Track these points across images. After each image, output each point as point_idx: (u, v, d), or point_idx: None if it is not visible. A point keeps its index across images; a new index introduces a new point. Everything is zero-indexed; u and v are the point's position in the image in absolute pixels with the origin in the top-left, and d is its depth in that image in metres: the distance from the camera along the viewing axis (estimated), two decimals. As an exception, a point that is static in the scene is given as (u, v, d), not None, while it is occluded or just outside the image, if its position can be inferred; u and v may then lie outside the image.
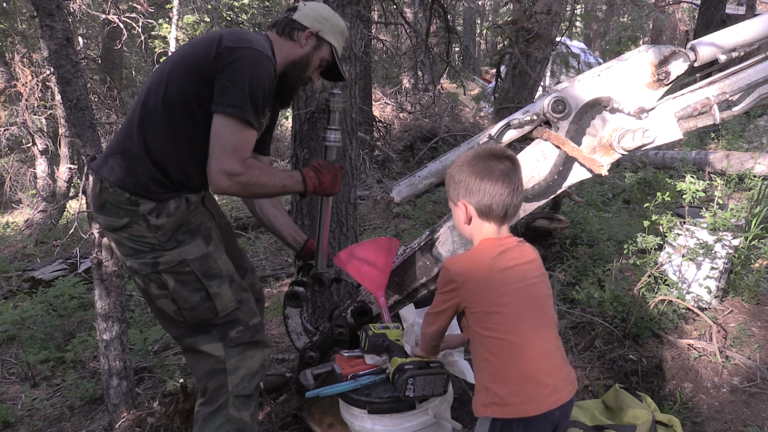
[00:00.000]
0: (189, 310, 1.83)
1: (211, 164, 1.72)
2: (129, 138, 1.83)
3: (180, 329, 1.90)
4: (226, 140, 1.71)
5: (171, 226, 1.80)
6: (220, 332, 1.88)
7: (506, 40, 5.61)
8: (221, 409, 1.86)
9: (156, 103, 1.80)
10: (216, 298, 1.84)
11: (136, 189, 1.78)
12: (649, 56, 1.82)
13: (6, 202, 10.08)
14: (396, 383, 1.64)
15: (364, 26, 2.81)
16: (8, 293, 5.14)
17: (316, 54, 1.99)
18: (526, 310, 1.43)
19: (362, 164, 7.08)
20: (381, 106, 10.11)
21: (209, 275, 1.84)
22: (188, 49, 1.85)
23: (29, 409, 3.20)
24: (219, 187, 1.74)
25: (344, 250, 2.16)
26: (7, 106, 8.39)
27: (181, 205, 1.83)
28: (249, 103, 1.71)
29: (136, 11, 8.78)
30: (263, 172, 1.81)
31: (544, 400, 1.40)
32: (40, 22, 2.43)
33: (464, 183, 1.45)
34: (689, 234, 3.05)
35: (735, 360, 2.66)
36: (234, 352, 1.88)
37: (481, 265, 1.43)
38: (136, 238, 1.80)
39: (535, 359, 1.41)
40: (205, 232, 1.89)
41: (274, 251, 5.47)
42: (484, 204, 1.43)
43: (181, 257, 1.81)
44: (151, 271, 1.81)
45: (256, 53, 1.75)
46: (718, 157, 5.85)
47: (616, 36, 17.51)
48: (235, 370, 1.88)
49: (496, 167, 1.43)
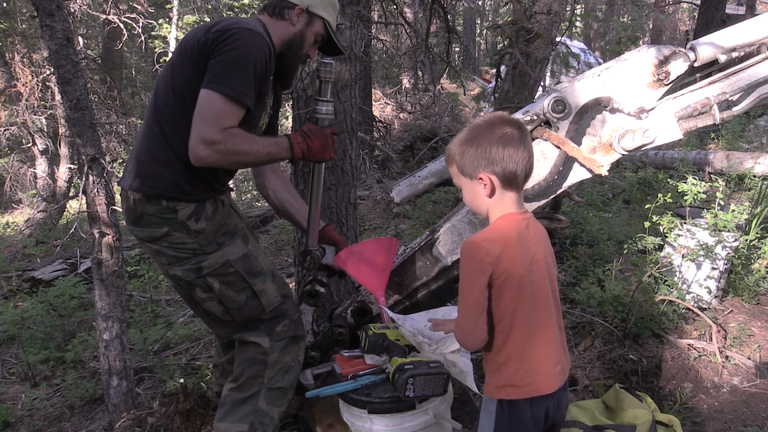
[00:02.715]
0: (237, 309, 1.87)
1: (192, 135, 1.69)
2: (154, 146, 1.82)
3: (228, 328, 1.94)
4: (207, 110, 1.68)
5: (211, 230, 1.83)
6: (267, 327, 1.92)
7: (506, 40, 5.60)
8: (252, 398, 1.88)
9: (170, 106, 1.81)
10: (261, 295, 1.88)
11: (171, 194, 1.79)
12: (649, 56, 1.82)
13: (6, 202, 10.08)
14: (396, 383, 1.64)
15: (364, 26, 2.80)
16: (8, 293, 5.14)
17: (309, 30, 1.96)
18: (546, 288, 1.44)
19: (362, 164, 7.07)
20: (381, 106, 10.11)
21: (253, 273, 1.88)
22: (185, 42, 1.85)
23: (29, 409, 3.20)
24: (198, 156, 1.69)
25: (344, 250, 2.16)
26: (7, 106, 8.40)
27: (218, 208, 1.86)
28: (237, 80, 1.69)
29: (136, 11, 8.77)
30: (245, 139, 1.74)
31: (555, 377, 1.43)
32: (40, 22, 2.43)
33: (485, 153, 1.37)
34: (690, 234, 3.05)
35: (735, 360, 2.65)
36: (278, 347, 1.92)
37: (512, 240, 1.39)
38: (177, 245, 1.82)
39: (551, 338, 1.44)
40: (241, 232, 1.93)
41: (274, 251, 5.47)
42: (510, 171, 1.37)
43: (224, 258, 1.84)
44: (196, 276, 1.83)
45: (245, 32, 1.74)
46: (718, 157, 5.84)
47: (616, 36, 17.50)
48: (274, 364, 1.91)
49: (513, 133, 1.38)
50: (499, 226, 1.42)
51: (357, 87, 2.90)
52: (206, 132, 1.67)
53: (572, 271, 3.51)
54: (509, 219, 1.41)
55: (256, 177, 2.24)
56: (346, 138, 2.82)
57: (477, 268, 1.36)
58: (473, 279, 1.37)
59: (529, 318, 1.40)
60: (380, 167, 7.89)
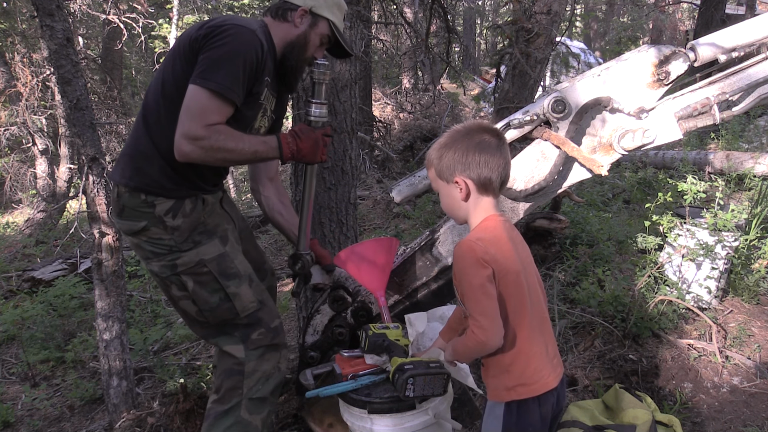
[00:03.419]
0: (209, 311, 1.84)
1: (177, 130, 1.67)
2: (138, 140, 1.83)
3: (205, 329, 1.92)
4: (192, 105, 1.66)
5: (187, 227, 1.81)
6: (242, 334, 1.88)
7: (506, 40, 5.60)
8: (233, 410, 1.86)
9: (156, 99, 1.80)
10: (235, 298, 1.85)
11: (149, 188, 1.78)
12: (649, 56, 1.82)
13: (6, 202, 10.08)
14: (396, 383, 1.64)
15: (364, 26, 2.80)
16: (8, 293, 5.14)
17: (313, 32, 1.92)
18: (536, 284, 1.47)
19: (362, 164, 7.07)
20: (381, 106, 10.11)
21: (227, 275, 1.85)
22: (179, 40, 1.84)
23: (29, 408, 3.20)
24: (181, 152, 1.67)
25: (344, 250, 2.16)
26: (7, 106, 8.40)
27: (197, 206, 1.83)
28: (224, 75, 1.66)
29: (136, 11, 8.78)
30: (230, 136, 1.70)
31: (556, 369, 1.46)
32: (40, 22, 2.43)
33: (461, 158, 1.42)
34: (690, 234, 3.05)
35: (735, 360, 2.65)
36: (254, 355, 1.89)
37: (504, 238, 1.41)
38: (154, 240, 1.81)
39: (548, 331, 1.48)
40: (221, 233, 1.89)
41: (274, 251, 5.47)
42: (485, 176, 1.41)
43: (199, 257, 1.82)
44: (171, 273, 1.82)
45: (236, 28, 1.71)
46: (718, 157, 5.85)
47: (616, 36, 17.51)
48: (252, 373, 1.88)
49: (490, 140, 1.43)
50: (487, 226, 1.43)
51: (357, 87, 2.90)
52: (190, 127, 1.65)
53: (572, 271, 3.51)
54: (494, 220, 1.44)
55: (251, 181, 2.22)
56: (346, 138, 2.81)
57: (478, 265, 1.36)
58: (477, 274, 1.36)
59: (529, 315, 1.41)
60: (380, 167, 7.89)
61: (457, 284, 1.45)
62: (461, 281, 1.40)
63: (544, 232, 3.84)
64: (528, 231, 3.78)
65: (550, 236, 3.89)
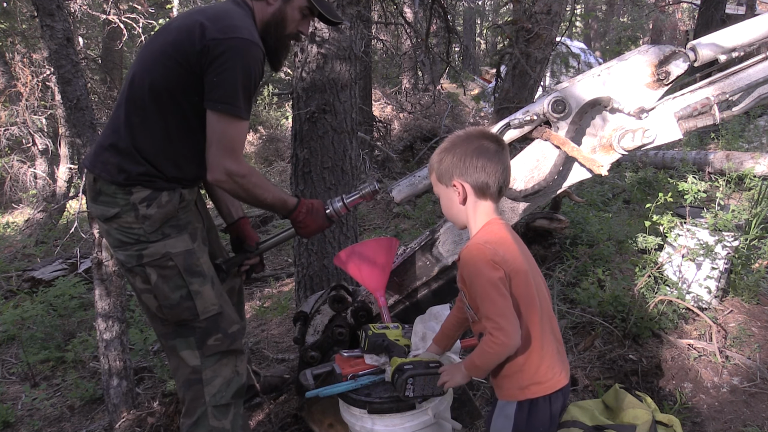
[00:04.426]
0: (169, 308, 1.81)
1: (211, 157, 1.73)
2: (117, 133, 1.79)
3: (163, 327, 1.89)
4: (223, 138, 1.71)
5: (159, 218, 1.79)
6: (199, 339, 1.85)
7: (506, 40, 5.61)
8: (201, 420, 1.86)
9: (142, 97, 1.76)
10: (197, 297, 1.82)
11: (127, 181, 1.77)
12: (649, 56, 1.82)
13: (6, 202, 10.07)
14: (396, 383, 1.64)
15: (364, 26, 2.81)
16: (8, 293, 5.14)
17: (288, 6, 1.87)
18: (542, 283, 1.48)
19: (362, 164, 7.07)
20: (381, 106, 10.11)
21: (192, 272, 1.82)
22: (169, 37, 1.78)
23: (29, 409, 3.20)
24: (217, 180, 1.76)
25: (344, 250, 2.16)
26: (7, 106, 8.39)
27: (173, 199, 1.81)
28: (240, 97, 1.69)
29: (136, 11, 8.77)
30: (259, 185, 1.83)
31: (566, 366, 1.48)
32: (40, 22, 2.44)
33: (459, 162, 1.44)
34: (690, 234, 3.05)
35: (735, 360, 2.66)
36: (210, 362, 1.86)
37: (509, 240, 1.43)
38: (124, 228, 1.78)
39: (557, 330, 1.49)
40: (191, 230, 1.87)
41: (274, 251, 5.47)
42: (482, 181, 1.43)
43: (165, 250, 1.79)
44: (136, 263, 1.79)
45: (243, 43, 1.69)
46: (718, 157, 5.85)
47: (616, 36, 17.51)
48: (211, 380, 1.87)
49: (489, 146, 1.44)
50: (491, 229, 1.45)
51: (357, 87, 2.90)
52: (230, 164, 1.73)
53: (572, 271, 3.51)
54: (497, 223, 1.46)
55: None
56: (346, 138, 2.82)
57: (490, 267, 1.36)
58: (490, 275, 1.36)
59: (540, 313, 1.42)
60: (380, 167, 7.89)
61: (467, 288, 1.44)
62: (473, 284, 1.39)
63: (544, 232, 3.84)
64: (528, 231, 3.79)
65: (550, 236, 3.89)
